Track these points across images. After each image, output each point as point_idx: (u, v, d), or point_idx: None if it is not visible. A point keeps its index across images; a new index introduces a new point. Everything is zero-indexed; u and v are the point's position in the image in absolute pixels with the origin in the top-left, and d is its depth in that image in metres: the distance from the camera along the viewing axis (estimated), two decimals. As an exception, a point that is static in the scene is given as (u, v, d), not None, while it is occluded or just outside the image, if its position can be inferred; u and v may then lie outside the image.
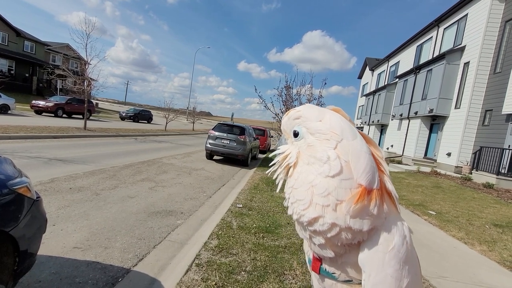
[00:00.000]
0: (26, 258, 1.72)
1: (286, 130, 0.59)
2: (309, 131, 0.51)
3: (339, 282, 0.51)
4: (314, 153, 0.48)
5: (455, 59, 13.42)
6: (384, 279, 0.42)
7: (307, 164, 0.49)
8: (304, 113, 0.53)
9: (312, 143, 0.50)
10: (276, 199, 5.56)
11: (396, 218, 0.48)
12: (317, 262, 0.54)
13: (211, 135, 10.08)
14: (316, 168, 0.47)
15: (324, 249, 0.48)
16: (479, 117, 12.25)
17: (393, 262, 0.43)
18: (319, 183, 0.46)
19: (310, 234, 0.49)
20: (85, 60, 12.88)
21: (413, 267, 0.45)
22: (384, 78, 24.51)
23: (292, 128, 0.55)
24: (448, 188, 8.99)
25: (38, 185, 4.42)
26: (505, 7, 11.56)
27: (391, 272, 0.43)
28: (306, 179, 0.47)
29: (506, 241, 4.52)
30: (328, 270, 0.52)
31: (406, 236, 0.47)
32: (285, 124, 0.59)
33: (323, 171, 0.46)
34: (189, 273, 2.55)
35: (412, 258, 0.46)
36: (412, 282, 0.43)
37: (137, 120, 27.60)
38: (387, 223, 0.46)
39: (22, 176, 1.80)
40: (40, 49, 31.94)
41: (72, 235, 3.05)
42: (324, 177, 0.45)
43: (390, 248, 0.44)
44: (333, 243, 0.47)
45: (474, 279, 3.18)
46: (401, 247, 0.44)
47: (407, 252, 0.45)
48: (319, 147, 0.49)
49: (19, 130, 9.14)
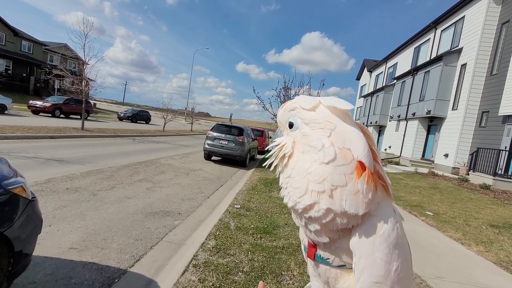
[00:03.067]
0: (21, 259, 1.71)
1: (281, 122, 0.58)
2: (304, 121, 0.52)
3: (333, 267, 0.52)
4: (309, 142, 0.49)
5: (452, 61, 13.51)
6: (374, 262, 0.44)
7: (302, 152, 0.50)
8: (299, 104, 0.54)
9: (307, 132, 0.51)
10: (274, 200, 5.56)
11: (388, 204, 0.49)
12: (312, 249, 0.55)
13: (210, 135, 10.07)
14: (311, 156, 0.48)
15: (319, 235, 0.49)
16: (476, 118, 12.33)
17: (383, 246, 0.45)
18: (314, 170, 0.47)
19: (306, 221, 0.50)
20: (83, 60, 12.84)
21: (403, 252, 0.46)
22: (382, 80, 24.62)
23: (288, 120, 0.56)
24: (445, 189, 9.03)
25: (35, 185, 4.39)
26: (502, 10, 11.66)
27: (381, 255, 0.44)
28: (302, 167, 0.48)
29: (502, 242, 4.54)
30: (323, 256, 0.53)
31: (397, 222, 0.48)
32: (280, 116, 0.58)
33: (318, 158, 0.47)
34: (186, 273, 2.54)
35: (403, 243, 0.47)
36: (402, 266, 0.45)
37: (135, 120, 27.52)
38: (379, 208, 0.48)
39: (17, 176, 1.79)
40: (37, 49, 31.76)
41: (68, 236, 3.03)
42: (319, 164, 0.47)
43: (381, 233, 0.45)
44: (328, 228, 0.48)
45: (470, 280, 3.19)
46: (391, 232, 0.46)
47: (397, 238, 0.46)
48: (313, 135, 0.50)
49: (16, 130, 9.08)
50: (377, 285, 0.44)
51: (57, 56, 32.93)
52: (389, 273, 0.44)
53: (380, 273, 0.44)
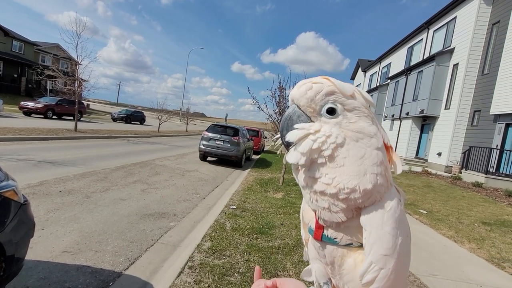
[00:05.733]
0: (13, 263, 1.68)
1: (312, 106, 0.53)
2: (346, 107, 0.52)
3: (340, 247, 0.54)
4: (361, 129, 0.51)
5: (444, 60, 13.70)
6: (383, 236, 0.47)
7: (356, 141, 0.50)
8: (339, 88, 0.52)
9: (354, 119, 0.52)
10: (270, 200, 5.57)
11: (392, 184, 0.54)
12: (319, 230, 0.56)
13: (205, 136, 10.04)
14: (365, 142, 0.50)
15: (340, 214, 0.51)
16: (468, 117, 12.53)
17: (390, 221, 0.48)
18: (371, 155, 0.49)
19: (332, 203, 0.50)
20: (75, 61, 12.67)
21: (405, 228, 0.50)
22: (376, 79, 24.85)
23: (325, 105, 0.52)
24: (438, 187, 9.16)
25: (27, 188, 4.32)
26: (492, 10, 11.87)
27: (389, 230, 0.47)
28: (357, 154, 0.49)
29: (494, 239, 4.62)
30: (330, 236, 0.54)
31: (400, 200, 0.52)
32: (310, 100, 0.53)
33: (371, 144, 0.50)
34: (181, 275, 2.54)
35: (405, 220, 0.51)
36: (404, 241, 0.49)
37: (130, 121, 27.25)
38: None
39: (8, 179, 1.76)
40: (29, 49, 31.25)
41: (61, 239, 2.99)
42: (373, 149, 0.50)
43: (388, 209, 0.49)
44: (353, 206, 0.50)
45: (463, 276, 3.24)
46: (396, 208, 0.49)
47: (401, 214, 0.50)
48: (363, 123, 0.51)
49: (7, 132, 8.92)
50: (386, 257, 0.47)
51: (49, 57, 32.39)
52: (395, 246, 0.47)
53: (388, 246, 0.47)
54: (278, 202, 5.39)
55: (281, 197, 5.90)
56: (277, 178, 7.71)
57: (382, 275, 0.47)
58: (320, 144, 0.50)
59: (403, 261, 0.49)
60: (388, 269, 0.47)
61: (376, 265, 0.47)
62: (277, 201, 5.52)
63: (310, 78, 0.56)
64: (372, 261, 0.48)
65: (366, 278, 0.48)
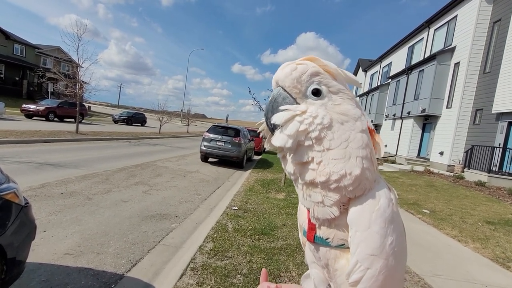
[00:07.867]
0: (14, 266, 1.67)
1: (298, 87, 0.51)
2: (330, 89, 0.51)
3: (332, 248, 0.52)
4: (346, 112, 0.50)
5: (445, 59, 13.65)
6: (370, 235, 0.45)
7: (341, 123, 0.49)
8: (329, 67, 0.52)
9: (339, 102, 0.51)
10: (272, 200, 5.55)
11: (381, 180, 0.51)
12: (312, 232, 0.55)
13: (206, 137, 10.04)
14: (350, 125, 0.49)
15: (333, 208, 0.49)
16: (470, 116, 12.47)
17: (379, 220, 0.46)
18: (355, 138, 0.48)
19: (325, 194, 0.49)
20: (76, 63, 12.72)
21: (397, 228, 0.48)
22: (377, 79, 24.80)
23: (310, 86, 0.51)
24: (441, 186, 9.11)
25: (28, 191, 4.32)
26: (493, 8, 11.82)
27: (377, 229, 0.46)
28: (342, 137, 0.48)
29: (498, 238, 4.58)
30: (322, 237, 0.53)
31: (392, 199, 0.50)
32: (295, 80, 0.51)
33: (356, 127, 0.49)
34: (184, 277, 2.52)
35: (397, 219, 0.49)
36: (396, 241, 0.47)
37: (131, 123, 27.30)
38: (375, 184, 0.50)
39: (9, 182, 1.76)
40: (30, 52, 31.41)
41: (63, 241, 2.99)
42: (357, 132, 0.48)
43: (377, 208, 0.47)
44: (345, 198, 0.49)
45: (467, 276, 3.21)
46: (386, 207, 0.47)
47: (392, 214, 0.48)
48: (347, 105, 0.50)
49: (9, 135, 8.94)
50: (373, 257, 0.46)
51: (50, 59, 32.51)
52: (384, 247, 0.46)
53: (376, 246, 0.46)
54: (280, 203, 5.37)
55: (283, 197, 5.88)
56: (279, 179, 7.69)
57: (368, 275, 0.46)
58: (307, 126, 0.48)
59: (394, 261, 0.47)
60: (376, 269, 0.46)
61: (362, 264, 0.46)
62: (279, 201, 5.50)
63: (294, 60, 0.55)
64: (358, 260, 0.47)
65: (352, 277, 0.47)
